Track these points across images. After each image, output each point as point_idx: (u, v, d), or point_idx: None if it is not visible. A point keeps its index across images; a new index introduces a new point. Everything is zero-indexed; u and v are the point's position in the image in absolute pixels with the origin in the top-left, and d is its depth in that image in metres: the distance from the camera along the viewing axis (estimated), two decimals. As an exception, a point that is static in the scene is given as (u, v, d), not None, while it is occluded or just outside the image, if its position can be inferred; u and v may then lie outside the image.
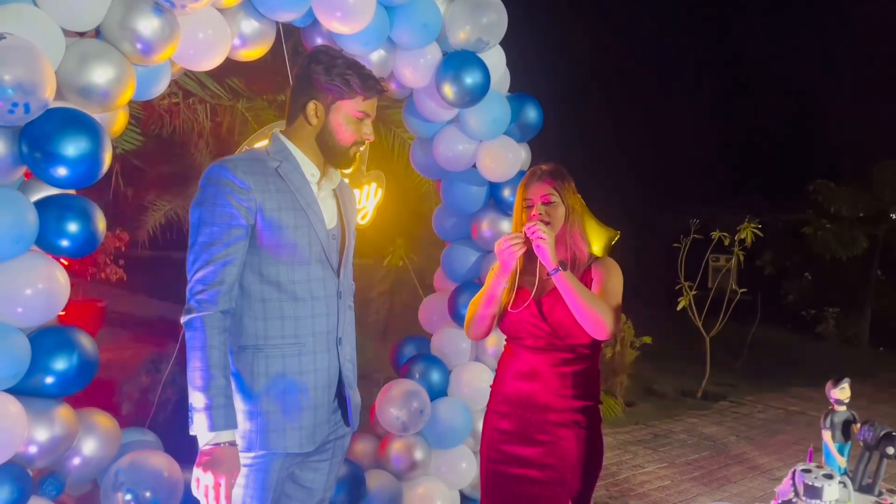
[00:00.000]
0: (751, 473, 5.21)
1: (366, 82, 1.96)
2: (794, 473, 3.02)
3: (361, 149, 2.08)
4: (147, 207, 6.51)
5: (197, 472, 1.80)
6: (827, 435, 3.34)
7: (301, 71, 1.99)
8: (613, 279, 2.27)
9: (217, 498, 1.78)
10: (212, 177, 1.88)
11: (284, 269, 1.93)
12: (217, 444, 1.80)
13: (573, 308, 2.15)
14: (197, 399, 1.81)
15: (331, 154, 2.01)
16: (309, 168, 2.00)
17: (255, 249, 1.91)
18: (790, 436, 6.38)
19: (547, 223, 2.23)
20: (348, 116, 1.97)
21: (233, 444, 1.83)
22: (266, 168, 1.93)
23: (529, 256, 2.23)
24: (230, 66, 2.64)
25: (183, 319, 1.85)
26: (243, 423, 1.92)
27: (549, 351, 2.25)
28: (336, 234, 2.05)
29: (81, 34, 2.25)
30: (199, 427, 1.80)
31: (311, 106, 1.96)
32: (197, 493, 1.81)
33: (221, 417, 1.80)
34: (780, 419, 7.05)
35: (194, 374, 1.82)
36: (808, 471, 2.99)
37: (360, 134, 2.00)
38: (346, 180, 2.32)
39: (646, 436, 6.09)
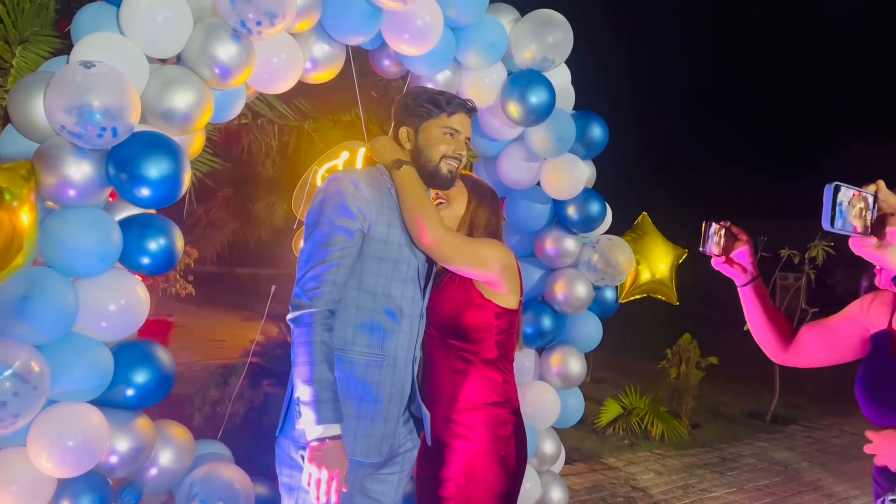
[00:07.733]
0: (825, 501, 5.00)
1: (449, 100, 2.12)
2: (883, 502, 2.89)
3: (452, 165, 2.14)
4: (215, 224, 6.72)
5: (310, 467, 1.82)
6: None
7: (397, 105, 2.18)
8: (490, 247, 2.20)
9: (328, 493, 1.80)
10: (335, 183, 1.98)
11: (383, 282, 2.01)
12: (324, 440, 1.82)
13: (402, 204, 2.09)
14: (304, 393, 1.84)
15: (424, 173, 2.12)
16: None
17: (361, 258, 1.98)
18: (867, 462, 6.03)
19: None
20: (435, 133, 2.11)
21: (339, 437, 1.85)
22: (382, 185, 2.05)
23: None
24: (297, 87, 2.72)
25: (291, 315, 1.90)
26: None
27: None
28: (427, 258, 2.13)
29: (163, 61, 2.36)
30: (307, 420, 1.84)
31: (402, 131, 2.14)
32: (308, 487, 1.83)
33: (329, 411, 1.83)
34: (856, 445, 6.73)
35: (302, 369, 1.85)
36: None
37: (448, 149, 2.11)
38: None
39: (713, 459, 5.88)
